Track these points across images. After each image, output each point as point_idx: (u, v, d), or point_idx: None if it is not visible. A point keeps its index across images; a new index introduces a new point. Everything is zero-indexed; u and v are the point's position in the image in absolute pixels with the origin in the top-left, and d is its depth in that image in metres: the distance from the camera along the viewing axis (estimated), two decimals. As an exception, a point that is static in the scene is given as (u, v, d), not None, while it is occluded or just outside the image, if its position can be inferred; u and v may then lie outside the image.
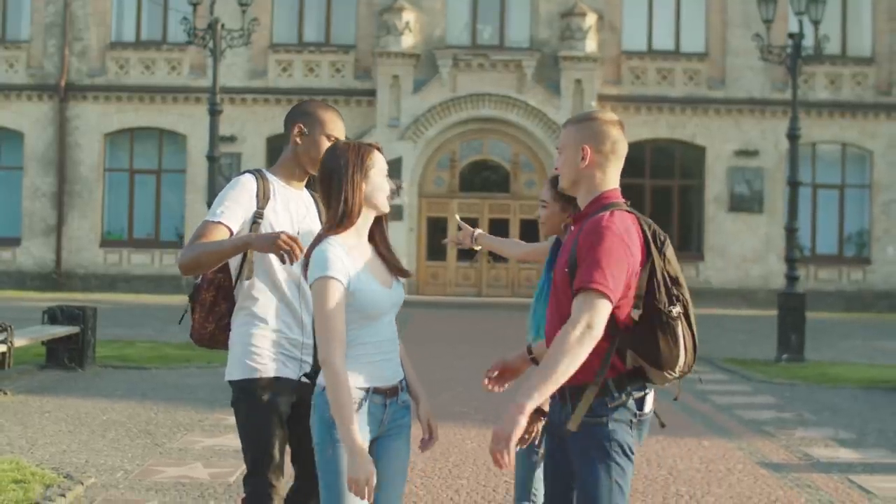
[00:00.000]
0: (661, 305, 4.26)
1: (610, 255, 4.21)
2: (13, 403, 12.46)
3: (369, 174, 4.51)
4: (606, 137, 4.46)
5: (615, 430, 4.30)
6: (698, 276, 35.52)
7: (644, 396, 4.38)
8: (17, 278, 35.70)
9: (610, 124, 4.49)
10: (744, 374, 17.28)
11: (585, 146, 4.44)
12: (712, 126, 35.57)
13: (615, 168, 4.50)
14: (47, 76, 36.15)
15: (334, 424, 4.35)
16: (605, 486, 4.31)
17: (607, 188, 4.47)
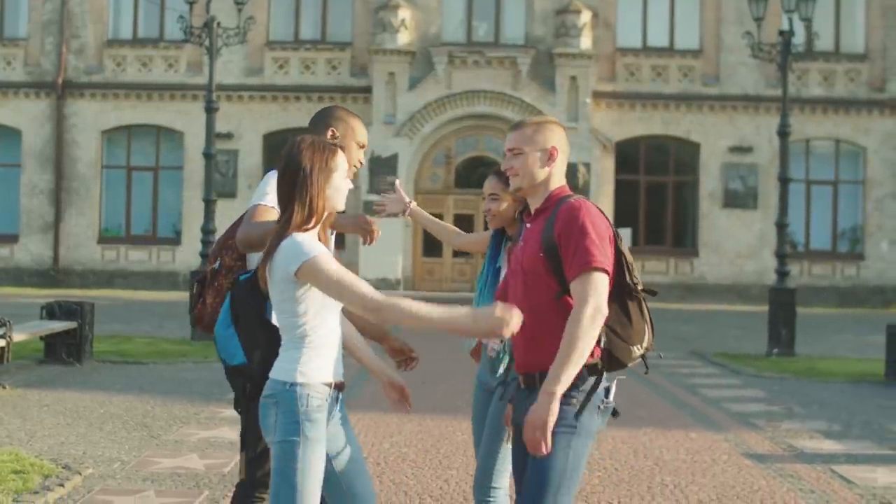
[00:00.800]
0: (631, 281, 4.53)
1: (597, 234, 4.47)
2: (12, 397, 12.65)
3: (332, 176, 4.51)
4: (565, 139, 4.75)
5: (583, 414, 4.51)
6: (693, 271, 35.76)
7: (610, 386, 4.62)
8: (15, 275, 35.87)
9: (561, 127, 4.82)
10: (734, 368, 17.47)
11: (553, 148, 4.69)
12: (707, 122, 35.76)
13: (565, 166, 4.79)
14: (45, 73, 36.31)
15: (306, 420, 4.40)
16: (561, 467, 4.50)
17: (560, 185, 4.74)
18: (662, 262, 35.88)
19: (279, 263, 4.42)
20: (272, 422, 4.48)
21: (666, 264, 35.89)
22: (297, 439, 4.43)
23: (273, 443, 4.49)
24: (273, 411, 4.47)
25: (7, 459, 8.86)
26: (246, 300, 4.80)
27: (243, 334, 4.84)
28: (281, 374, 4.49)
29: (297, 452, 4.43)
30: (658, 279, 35.53)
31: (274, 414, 4.47)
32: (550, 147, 4.68)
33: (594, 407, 4.55)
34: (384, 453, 9.85)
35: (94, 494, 8.09)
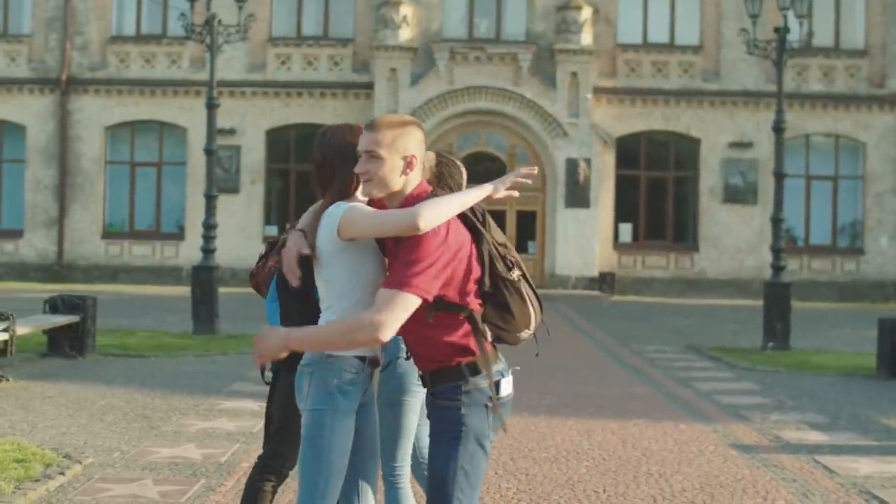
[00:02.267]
0: (503, 274, 4.48)
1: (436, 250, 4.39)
2: (15, 389, 12.89)
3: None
4: (423, 143, 4.62)
5: (467, 415, 4.47)
6: (693, 266, 35.94)
7: (499, 381, 4.56)
8: (19, 270, 36.12)
9: (421, 129, 4.64)
10: (728, 361, 17.67)
11: (412, 156, 4.55)
12: (707, 118, 35.93)
13: (421, 170, 4.63)
14: (49, 70, 36.53)
15: (337, 392, 4.63)
16: (451, 470, 4.46)
17: (417, 184, 4.62)
18: (663, 256, 36.08)
19: (323, 233, 4.61)
20: (306, 390, 4.70)
21: (666, 259, 36.08)
22: (326, 408, 4.65)
23: (304, 410, 4.71)
24: (307, 380, 4.69)
25: (9, 449, 9.09)
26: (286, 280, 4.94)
27: (283, 309, 5.09)
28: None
29: (325, 421, 4.65)
30: (658, 274, 35.78)
31: (308, 383, 4.69)
32: (410, 155, 4.52)
33: (480, 406, 4.51)
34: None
35: (93, 482, 8.32)
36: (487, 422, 4.51)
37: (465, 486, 4.48)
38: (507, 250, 4.57)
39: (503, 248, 4.56)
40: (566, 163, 35.05)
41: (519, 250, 35.49)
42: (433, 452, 4.55)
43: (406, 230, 4.36)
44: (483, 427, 4.51)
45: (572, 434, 10.85)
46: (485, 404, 4.50)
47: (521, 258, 4.76)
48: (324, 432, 4.66)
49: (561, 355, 18.54)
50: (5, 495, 7.69)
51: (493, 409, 4.51)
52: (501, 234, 4.64)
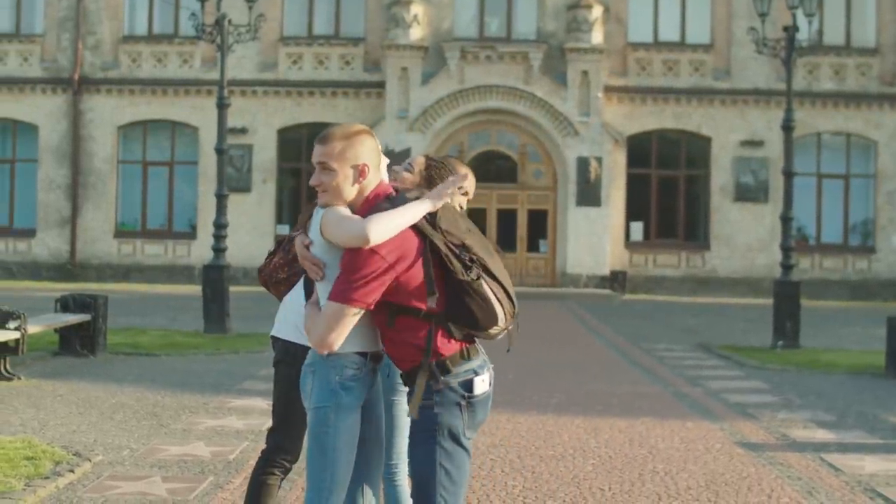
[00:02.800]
0: (459, 276, 4.50)
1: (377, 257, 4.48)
2: (27, 388, 12.98)
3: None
4: (376, 150, 4.71)
5: (440, 414, 4.55)
6: (704, 265, 35.95)
7: (472, 380, 4.62)
8: (32, 269, 36.28)
9: (372, 136, 4.72)
10: (738, 360, 17.70)
11: (364, 165, 4.63)
12: (718, 116, 35.94)
13: (378, 176, 4.73)
14: (61, 69, 36.68)
15: (340, 389, 4.69)
16: (431, 469, 4.55)
17: (374, 188, 4.70)
18: (674, 255, 36.10)
19: (313, 234, 4.73)
20: (309, 389, 4.76)
21: (677, 258, 36.11)
22: (330, 406, 4.70)
23: (309, 409, 4.77)
24: (310, 379, 4.76)
25: (20, 447, 9.18)
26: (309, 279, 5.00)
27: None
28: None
29: (329, 418, 4.71)
30: (669, 272, 35.80)
31: (311, 382, 4.76)
32: (361, 164, 4.61)
33: (453, 405, 4.57)
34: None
35: (102, 480, 8.38)
36: (462, 420, 4.57)
37: (448, 483, 4.55)
38: (470, 250, 4.58)
39: (461, 249, 4.57)
40: (577, 161, 35.09)
41: (530, 249, 36.00)
42: (412, 453, 4.64)
43: (356, 242, 4.47)
44: (458, 425, 4.57)
45: (580, 432, 10.89)
46: (457, 403, 4.56)
47: (532, 256, 4.85)
48: (329, 429, 4.71)
49: (571, 354, 18.61)
50: (15, 492, 7.77)
51: (466, 407, 4.57)
52: (462, 234, 4.62)
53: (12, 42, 37.00)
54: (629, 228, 36.22)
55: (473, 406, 4.60)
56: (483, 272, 4.56)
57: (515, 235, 36.08)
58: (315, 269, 4.72)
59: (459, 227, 4.62)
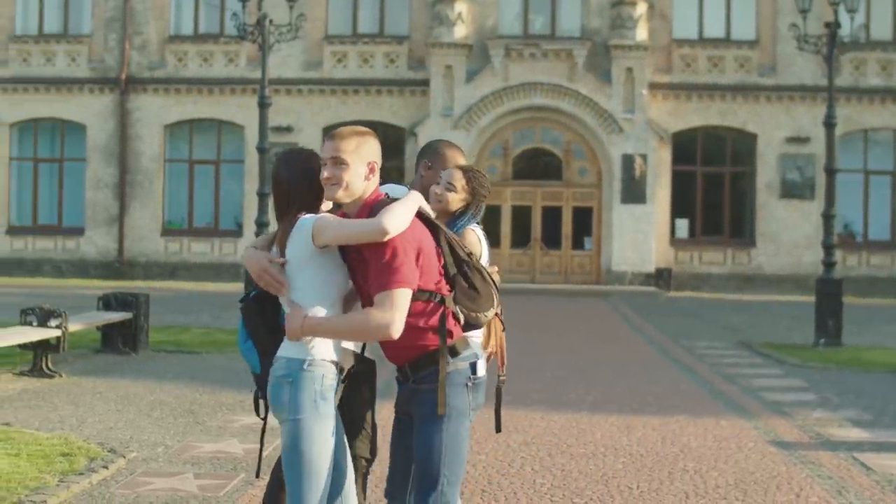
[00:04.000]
0: (463, 256, 4.86)
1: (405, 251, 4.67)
2: (67, 385, 13.16)
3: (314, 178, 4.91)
4: (379, 152, 4.89)
5: (450, 396, 4.76)
6: (750, 262, 35.78)
7: (475, 363, 4.88)
8: (80, 267, 36.66)
9: (376, 138, 4.92)
10: (778, 357, 17.62)
11: (373, 163, 4.83)
12: (763, 113, 35.74)
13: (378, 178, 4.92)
14: (108, 69, 37.03)
15: (320, 399, 4.74)
16: (437, 450, 4.76)
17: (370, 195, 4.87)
18: (720, 252, 35.96)
19: (294, 246, 4.79)
20: (285, 400, 4.77)
21: (723, 255, 35.96)
22: (311, 416, 4.75)
23: (287, 420, 4.79)
24: (287, 390, 4.77)
25: (57, 443, 9.34)
26: (255, 314, 5.06)
27: (257, 345, 5.08)
28: (296, 352, 4.79)
29: (312, 429, 4.75)
30: (715, 270, 35.67)
31: (287, 392, 4.76)
32: (372, 162, 4.80)
33: (461, 386, 4.80)
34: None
35: (135, 476, 8.51)
36: (468, 401, 4.80)
37: (452, 462, 4.75)
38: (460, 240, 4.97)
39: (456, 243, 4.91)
40: (622, 159, 35.02)
41: (575, 246, 36.00)
42: (419, 435, 4.76)
43: (376, 236, 4.62)
44: (464, 406, 4.81)
45: (612, 430, 10.91)
46: (465, 384, 4.78)
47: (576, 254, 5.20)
48: (313, 440, 4.76)
49: (610, 351, 18.60)
50: (49, 488, 7.90)
51: (471, 388, 4.82)
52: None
53: (60, 42, 37.40)
54: (674, 225, 36.12)
55: (477, 388, 4.84)
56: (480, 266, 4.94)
57: (560, 233, 36.06)
58: (277, 286, 4.83)
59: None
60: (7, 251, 37.09)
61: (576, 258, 36.04)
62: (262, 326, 5.02)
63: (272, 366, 4.86)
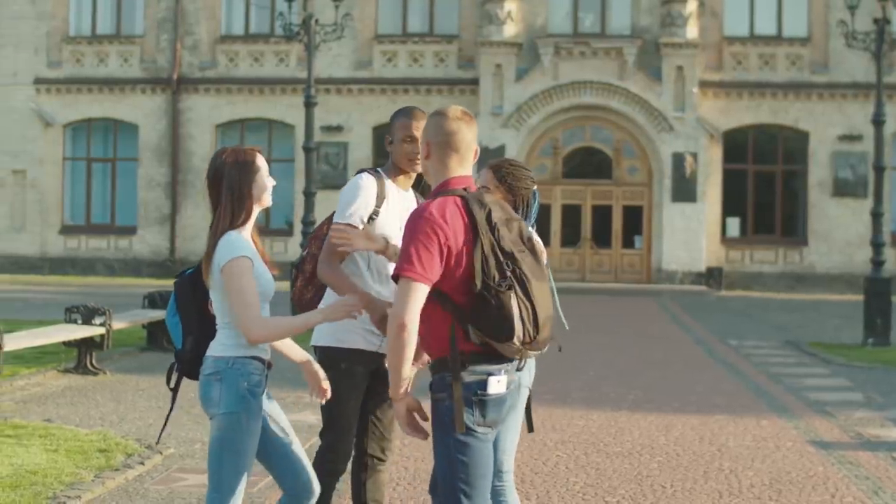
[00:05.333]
0: (489, 280, 4.48)
1: (413, 238, 4.53)
2: (111, 382, 13.30)
3: (255, 177, 5.02)
4: (441, 131, 4.70)
5: (451, 407, 4.56)
6: (802, 261, 35.51)
7: (486, 379, 4.58)
8: (133, 266, 37.00)
9: (448, 119, 4.71)
10: (825, 357, 17.46)
11: (427, 141, 4.76)
12: (815, 111, 35.46)
13: (456, 159, 4.71)
14: (160, 70, 37.36)
15: (248, 395, 4.88)
16: (446, 460, 4.61)
17: (449, 177, 4.71)
18: (771, 251, 35.73)
19: (216, 258, 4.92)
20: (216, 396, 4.90)
21: (775, 253, 35.72)
22: (241, 411, 4.88)
23: (217, 415, 4.91)
24: (217, 387, 4.91)
25: (95, 439, 9.44)
26: (186, 292, 5.17)
27: (183, 322, 5.19)
28: (223, 351, 4.94)
29: (241, 423, 4.88)
30: (767, 268, 35.45)
31: (218, 389, 4.90)
32: (426, 140, 4.77)
33: (465, 399, 4.56)
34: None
35: (170, 472, 8.59)
36: (472, 415, 4.58)
37: (465, 475, 4.59)
38: (515, 261, 4.55)
39: (506, 256, 4.55)
40: (672, 157, 34.87)
41: (625, 245, 35.83)
42: (434, 445, 4.69)
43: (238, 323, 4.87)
44: (469, 420, 4.58)
45: (651, 429, 10.87)
46: (470, 399, 4.57)
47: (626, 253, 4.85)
48: (242, 434, 4.88)
49: (657, 350, 18.52)
50: (84, 483, 7.99)
51: (477, 403, 4.58)
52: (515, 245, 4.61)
53: (113, 43, 37.78)
54: (725, 224, 35.91)
55: (485, 404, 4.59)
56: (519, 288, 4.52)
57: (610, 231, 35.97)
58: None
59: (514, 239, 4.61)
60: (61, 250, 37.51)
61: (626, 257, 35.92)
62: (192, 305, 5.12)
63: (202, 365, 4.99)
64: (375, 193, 5.71)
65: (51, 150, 37.81)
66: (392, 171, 5.87)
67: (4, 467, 8.30)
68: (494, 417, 4.65)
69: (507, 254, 4.54)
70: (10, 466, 8.34)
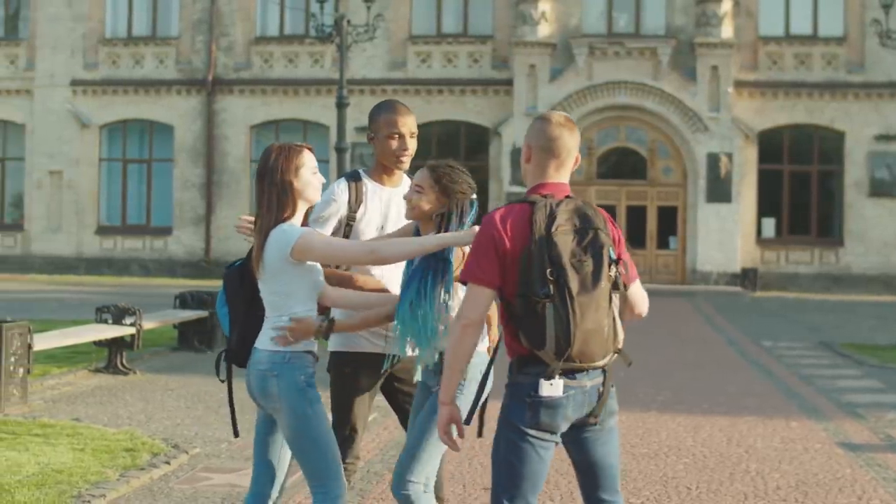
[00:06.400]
0: (527, 290, 4.46)
1: (479, 245, 4.60)
2: (141, 381, 13.36)
3: (300, 173, 5.04)
4: (543, 136, 4.68)
5: (508, 406, 4.62)
6: (838, 261, 35.28)
7: (538, 381, 4.53)
8: (168, 266, 37.18)
9: (552, 124, 4.69)
10: (858, 358, 17.32)
11: (528, 145, 4.74)
12: (851, 110, 35.22)
13: (555, 164, 4.70)
14: (195, 71, 37.54)
15: (306, 386, 4.96)
16: (496, 458, 4.64)
17: (544, 181, 4.70)
18: (807, 252, 35.51)
19: (271, 252, 4.95)
20: (275, 392, 4.99)
21: (811, 254, 35.50)
22: (303, 403, 4.97)
23: (281, 411, 5.00)
24: (274, 382, 4.98)
25: (122, 438, 9.48)
26: (235, 284, 5.24)
27: (231, 313, 5.26)
28: (276, 346, 5.00)
29: (307, 413, 4.97)
30: (802, 269, 35.23)
31: (275, 385, 4.98)
32: (525, 143, 4.78)
33: (518, 399, 4.59)
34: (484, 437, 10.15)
35: (195, 472, 8.61)
36: (525, 417, 4.57)
37: (511, 475, 4.61)
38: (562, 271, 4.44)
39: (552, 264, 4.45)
40: (707, 157, 34.73)
41: (660, 246, 35.68)
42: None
43: (357, 259, 5.01)
44: (522, 419, 4.58)
45: (679, 430, 10.81)
46: (523, 399, 4.58)
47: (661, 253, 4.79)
48: (310, 422, 4.98)
49: (688, 350, 18.45)
50: (109, 482, 8.02)
51: (531, 405, 4.57)
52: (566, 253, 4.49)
53: (149, 45, 37.99)
54: (761, 225, 35.73)
55: (536, 406, 4.57)
56: (559, 300, 4.43)
57: (645, 232, 35.84)
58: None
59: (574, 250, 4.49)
60: (96, 251, 37.74)
61: (660, 258, 35.78)
62: (239, 296, 5.17)
63: (253, 356, 5.06)
64: (346, 200, 5.73)
65: (87, 151, 38.06)
66: (376, 171, 5.87)
67: (31, 466, 8.35)
68: (547, 421, 4.59)
69: (554, 262, 4.45)
70: (37, 465, 8.39)
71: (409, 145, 5.78)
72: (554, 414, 4.59)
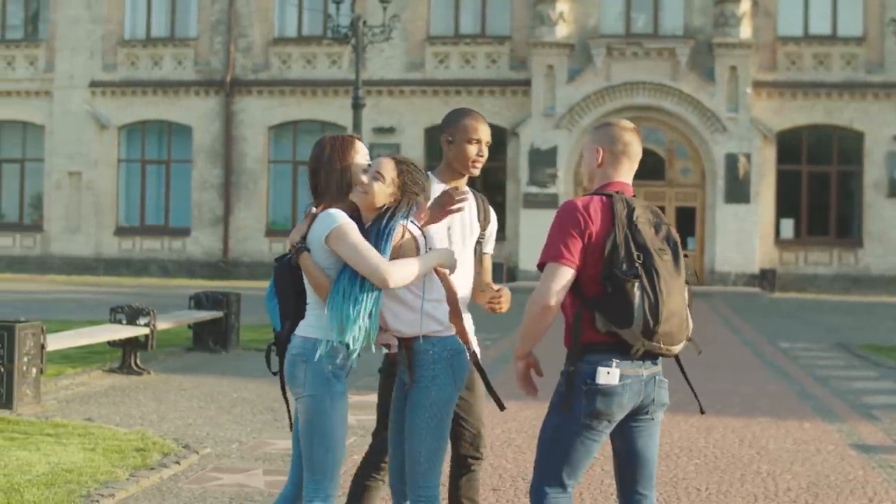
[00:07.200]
0: (615, 268, 4.68)
1: (562, 229, 4.76)
2: (155, 381, 13.38)
3: (352, 163, 5.17)
4: (619, 140, 5.03)
5: (562, 394, 4.81)
6: (857, 262, 35.15)
7: (596, 368, 4.74)
8: (186, 267, 37.27)
9: (626, 130, 5.08)
10: (875, 360, 17.24)
11: (599, 148, 5.04)
12: (871, 111, 35.09)
13: (627, 166, 5.10)
14: (214, 72, 37.63)
15: (332, 378, 4.96)
16: (545, 441, 4.86)
17: (613, 180, 5.03)
18: (826, 252, 35.39)
19: (315, 233, 5.02)
20: (301, 376, 5.00)
21: (829, 255, 35.38)
22: (325, 394, 4.98)
23: (303, 396, 5.02)
24: (301, 368, 5.00)
25: (133, 438, 9.50)
26: (285, 276, 5.25)
27: (281, 305, 5.29)
28: (309, 332, 5.03)
29: (325, 405, 4.98)
30: (821, 270, 35.10)
31: (302, 370, 5.00)
32: (598, 146, 5.08)
33: (576, 387, 4.77)
34: (493, 438, 10.15)
35: (205, 472, 8.61)
36: (581, 405, 4.75)
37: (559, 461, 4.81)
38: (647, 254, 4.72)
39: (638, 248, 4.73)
40: (726, 158, 34.65)
41: (677, 246, 35.40)
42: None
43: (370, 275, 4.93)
44: (577, 407, 4.76)
45: (691, 431, 10.78)
46: (580, 386, 4.76)
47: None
48: (327, 416, 4.97)
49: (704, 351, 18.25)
50: (119, 482, 8.03)
51: (586, 393, 4.74)
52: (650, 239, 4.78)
53: (167, 46, 38.11)
54: (779, 226, 35.62)
55: (593, 394, 4.73)
56: (646, 279, 4.68)
57: (663, 233, 35.68)
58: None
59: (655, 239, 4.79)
60: (115, 251, 37.87)
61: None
62: (290, 289, 5.21)
63: (291, 342, 5.09)
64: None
65: (106, 152, 38.19)
66: (446, 173, 5.86)
67: (41, 465, 8.38)
68: (602, 409, 4.76)
69: (640, 247, 4.72)
70: (48, 465, 8.41)
71: (484, 152, 5.81)
72: (609, 402, 4.77)
